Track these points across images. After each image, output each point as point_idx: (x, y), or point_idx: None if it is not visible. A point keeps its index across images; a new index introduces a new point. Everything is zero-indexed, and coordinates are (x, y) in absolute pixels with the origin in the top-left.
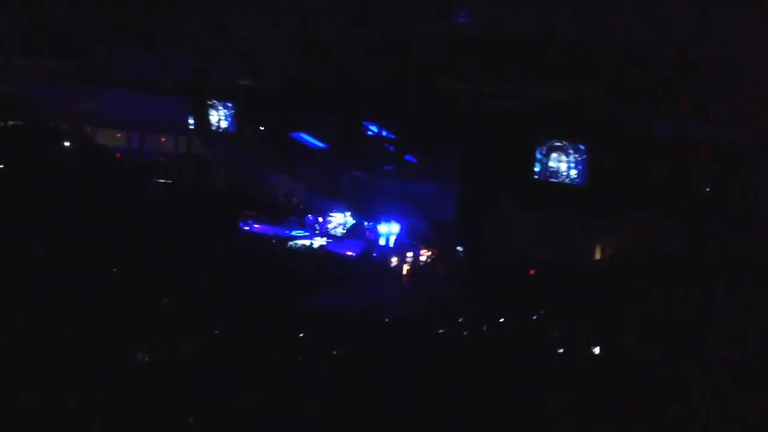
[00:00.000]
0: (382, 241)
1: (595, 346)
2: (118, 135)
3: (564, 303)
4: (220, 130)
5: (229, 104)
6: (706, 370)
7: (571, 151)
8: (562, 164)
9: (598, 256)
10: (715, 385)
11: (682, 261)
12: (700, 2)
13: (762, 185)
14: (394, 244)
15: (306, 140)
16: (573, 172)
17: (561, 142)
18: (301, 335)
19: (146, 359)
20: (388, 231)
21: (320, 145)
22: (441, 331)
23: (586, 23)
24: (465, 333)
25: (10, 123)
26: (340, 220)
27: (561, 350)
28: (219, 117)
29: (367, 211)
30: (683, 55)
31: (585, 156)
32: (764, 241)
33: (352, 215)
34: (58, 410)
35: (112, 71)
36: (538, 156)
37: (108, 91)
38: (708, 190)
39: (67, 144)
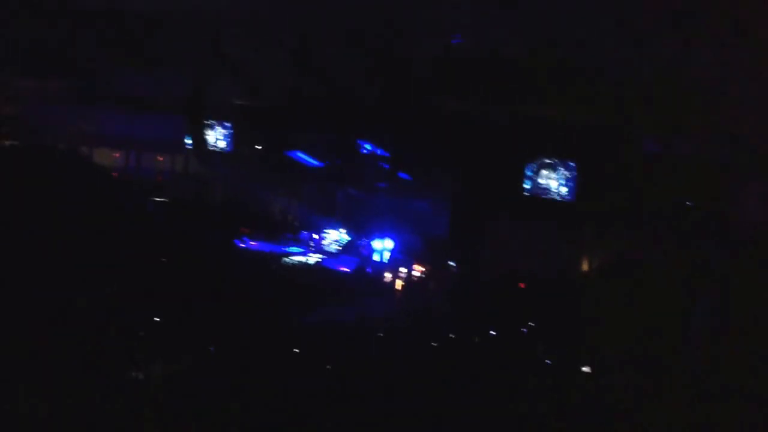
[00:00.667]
0: (376, 257)
1: (583, 358)
2: (115, 154)
3: (553, 315)
4: (217, 149)
5: (226, 124)
6: (690, 380)
7: (560, 168)
8: (552, 181)
9: (586, 269)
10: (698, 394)
11: (667, 272)
12: (685, 22)
13: (747, 200)
14: (388, 260)
15: (301, 158)
16: (563, 189)
17: (551, 160)
18: (296, 350)
19: (142, 376)
20: (382, 247)
21: (315, 163)
22: (434, 344)
23: (574, 44)
24: (457, 345)
25: (8, 143)
26: (335, 237)
27: (549, 362)
28: (215, 136)
29: (362, 228)
30: (668, 73)
31: (574, 172)
32: (748, 253)
33: (346, 232)
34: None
35: (109, 91)
36: (529, 173)
37: (105, 111)
38: (691, 204)
39: (63, 163)
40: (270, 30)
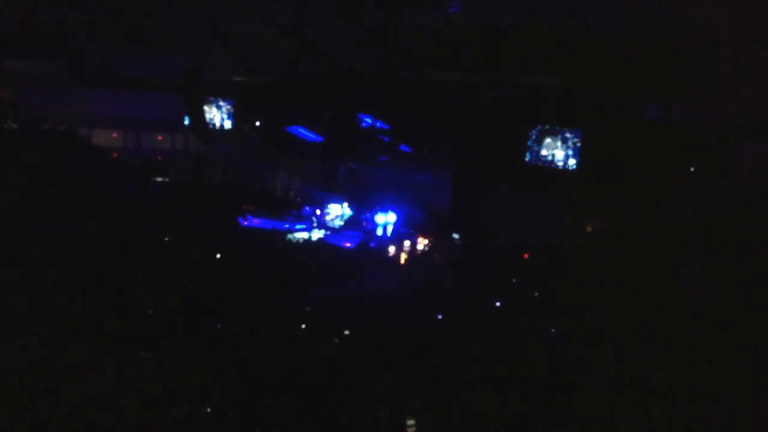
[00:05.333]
0: (379, 231)
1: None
2: (114, 135)
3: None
4: (216, 127)
5: (224, 101)
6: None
7: (561, 138)
8: (554, 151)
9: (589, 236)
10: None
11: (666, 240)
12: None
13: (745, 166)
14: (392, 233)
15: (301, 134)
16: (567, 160)
17: (551, 129)
18: (303, 326)
19: (151, 355)
20: (385, 221)
21: (315, 138)
22: (440, 316)
23: (573, 11)
24: (462, 317)
25: (6, 125)
26: (337, 212)
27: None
28: (214, 114)
29: (364, 202)
30: (668, 40)
31: (575, 142)
32: (748, 220)
33: (349, 206)
34: (73, 404)
35: (107, 71)
36: (530, 143)
37: (103, 91)
38: (693, 170)
39: (63, 145)
40: (265, 5)
